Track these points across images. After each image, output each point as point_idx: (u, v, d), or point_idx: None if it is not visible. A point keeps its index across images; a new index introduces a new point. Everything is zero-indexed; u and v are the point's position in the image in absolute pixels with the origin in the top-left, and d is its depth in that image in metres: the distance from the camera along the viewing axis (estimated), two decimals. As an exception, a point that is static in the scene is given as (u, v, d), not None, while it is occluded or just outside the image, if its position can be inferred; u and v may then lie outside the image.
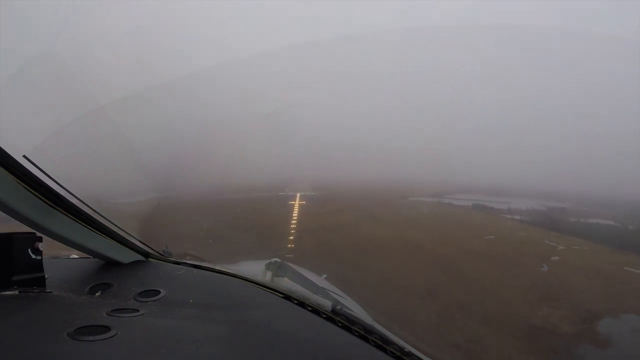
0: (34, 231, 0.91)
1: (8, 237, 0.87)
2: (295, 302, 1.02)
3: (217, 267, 1.23)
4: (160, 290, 0.97)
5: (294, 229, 10.36)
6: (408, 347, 0.92)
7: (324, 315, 0.97)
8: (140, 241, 1.24)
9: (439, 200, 18.60)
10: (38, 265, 0.92)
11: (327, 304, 1.03)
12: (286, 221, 11.40)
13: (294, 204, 15.90)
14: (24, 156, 0.86)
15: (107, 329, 0.70)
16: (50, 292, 0.91)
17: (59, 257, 1.34)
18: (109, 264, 1.13)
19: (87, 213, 1.01)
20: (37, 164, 0.87)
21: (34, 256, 0.91)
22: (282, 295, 1.05)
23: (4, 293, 0.83)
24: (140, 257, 1.21)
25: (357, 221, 12.21)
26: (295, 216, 12.51)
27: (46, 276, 0.94)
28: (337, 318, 0.95)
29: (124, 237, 1.15)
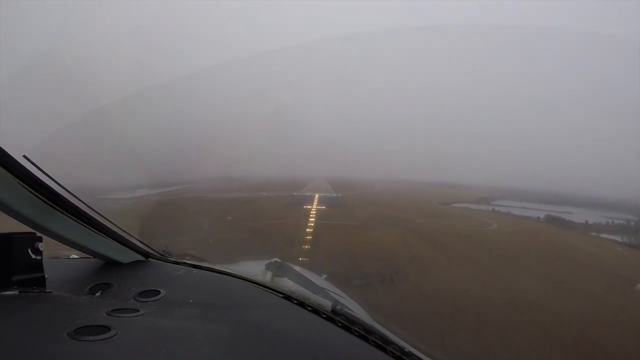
0: (34, 231, 0.91)
1: (8, 237, 0.87)
2: (295, 302, 1.02)
3: (217, 267, 1.23)
4: (160, 290, 0.97)
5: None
6: (408, 347, 0.92)
7: (324, 315, 0.97)
8: (140, 241, 1.24)
9: (494, 208, 15.26)
10: (38, 265, 0.92)
11: (327, 304, 1.03)
12: (292, 247, 6.77)
13: (310, 210, 11.57)
14: (24, 156, 0.86)
15: (107, 329, 0.70)
16: (50, 292, 0.91)
17: (59, 257, 1.34)
18: (109, 264, 1.13)
19: (87, 213, 1.01)
20: (37, 164, 0.87)
21: (34, 256, 0.91)
22: (282, 295, 1.04)
23: (4, 293, 0.83)
24: (140, 257, 1.21)
25: (411, 251, 7.40)
26: (308, 237, 7.70)
27: (46, 276, 0.94)
28: (337, 318, 0.95)
29: (124, 237, 1.15)
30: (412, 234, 8.86)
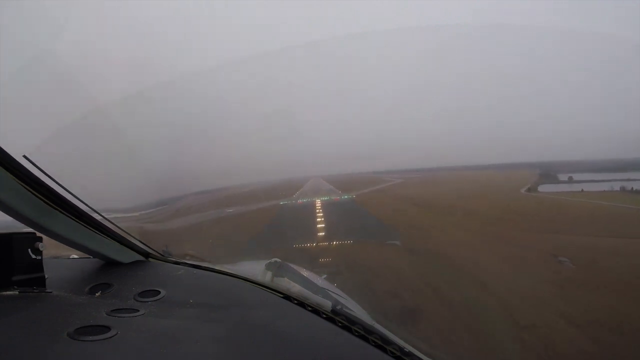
0: (34, 231, 0.91)
1: (8, 237, 0.87)
2: (295, 302, 1.02)
3: (217, 267, 1.23)
4: (160, 290, 0.97)
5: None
6: (408, 347, 0.92)
7: (324, 315, 0.96)
8: (140, 241, 1.24)
9: (624, 186, 9.84)
10: (38, 265, 0.92)
11: (327, 304, 1.03)
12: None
13: (313, 257, 5.29)
14: (24, 156, 0.86)
15: (107, 329, 0.70)
16: (50, 292, 0.91)
17: (59, 257, 1.35)
18: (109, 264, 1.13)
19: (87, 213, 1.01)
20: (37, 164, 0.87)
21: (34, 256, 0.91)
22: (282, 295, 1.04)
23: (4, 293, 0.83)
24: (140, 257, 1.21)
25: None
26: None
27: (46, 276, 0.94)
28: (337, 318, 0.95)
29: (124, 237, 1.15)
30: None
